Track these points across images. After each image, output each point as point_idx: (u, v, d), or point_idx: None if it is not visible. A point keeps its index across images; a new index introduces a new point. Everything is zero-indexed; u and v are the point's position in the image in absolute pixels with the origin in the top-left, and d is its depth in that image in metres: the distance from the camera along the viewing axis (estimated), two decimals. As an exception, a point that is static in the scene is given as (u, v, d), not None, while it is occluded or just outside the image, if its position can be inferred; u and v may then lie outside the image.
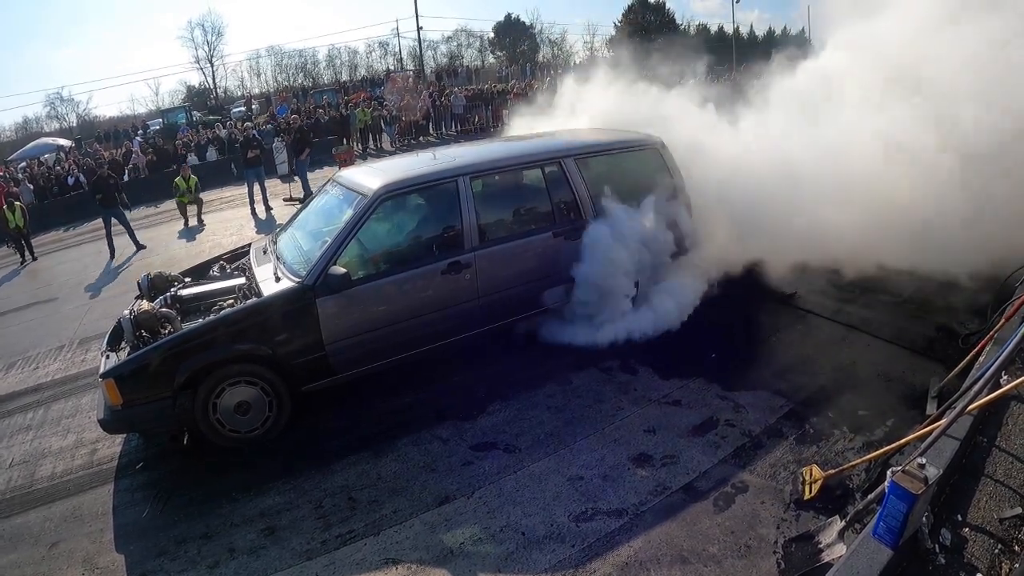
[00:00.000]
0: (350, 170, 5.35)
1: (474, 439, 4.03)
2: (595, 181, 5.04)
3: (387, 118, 20.62)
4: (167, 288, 4.77)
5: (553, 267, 4.83)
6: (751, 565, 2.87)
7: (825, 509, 3.11)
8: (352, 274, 4.10)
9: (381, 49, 51.74)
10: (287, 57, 50.85)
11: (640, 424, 3.99)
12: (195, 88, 48.06)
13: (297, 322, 4.08)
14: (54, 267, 11.36)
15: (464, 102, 21.63)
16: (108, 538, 3.55)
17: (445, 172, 4.61)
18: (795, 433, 3.79)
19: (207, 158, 19.00)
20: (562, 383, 4.53)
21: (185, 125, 27.27)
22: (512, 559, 3.04)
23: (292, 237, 4.94)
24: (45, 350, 6.75)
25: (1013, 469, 2.85)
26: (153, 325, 4.12)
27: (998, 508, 2.65)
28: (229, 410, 4.05)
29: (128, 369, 3.82)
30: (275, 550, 3.27)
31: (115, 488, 4.01)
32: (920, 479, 2.28)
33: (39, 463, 4.44)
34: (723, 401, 4.16)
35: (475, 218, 4.54)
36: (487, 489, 3.55)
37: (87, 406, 5.15)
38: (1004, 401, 3.16)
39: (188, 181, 12.49)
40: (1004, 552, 2.46)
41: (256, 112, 30.69)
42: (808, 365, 4.47)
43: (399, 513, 3.43)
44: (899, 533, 2.30)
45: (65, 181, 17.09)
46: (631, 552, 3.00)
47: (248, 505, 3.65)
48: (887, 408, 3.89)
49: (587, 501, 3.36)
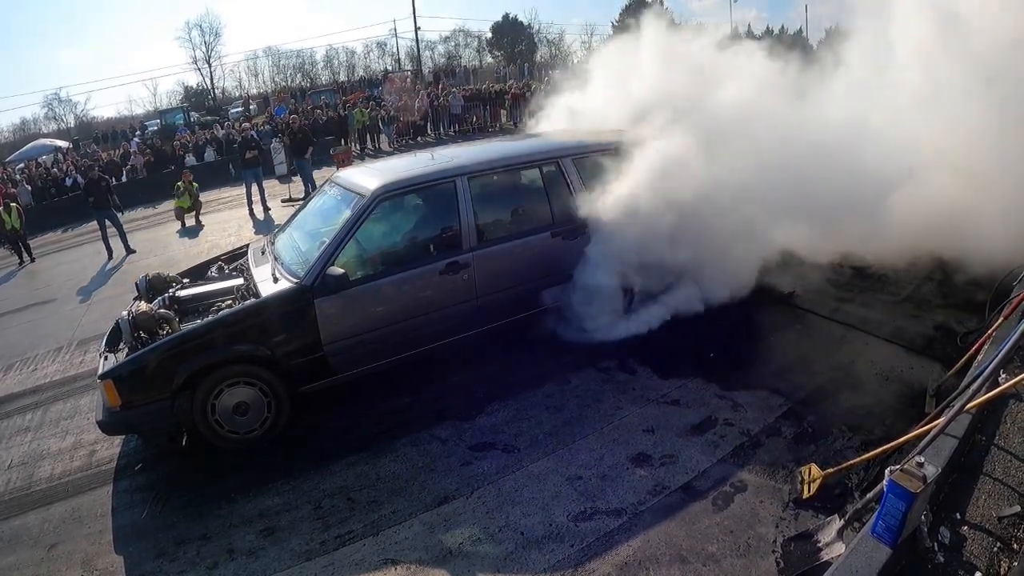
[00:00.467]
0: (348, 170, 5.35)
1: (473, 439, 4.03)
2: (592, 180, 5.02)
3: (385, 118, 20.62)
4: (165, 289, 4.77)
5: (551, 267, 4.82)
6: (750, 564, 2.87)
7: (824, 508, 3.11)
8: (350, 274, 4.10)
9: (379, 49, 51.80)
10: (285, 57, 50.91)
11: (639, 424, 3.99)
12: (193, 89, 48.03)
13: (295, 323, 4.08)
14: (52, 268, 11.36)
15: (462, 102, 21.61)
16: (107, 539, 3.55)
17: (443, 172, 4.61)
18: (794, 432, 3.79)
19: (205, 159, 19.00)
20: (560, 383, 4.53)
21: (183, 126, 27.29)
22: (511, 559, 3.04)
23: (290, 238, 4.94)
24: (43, 351, 6.74)
25: (1012, 467, 2.85)
26: (151, 326, 4.11)
27: (997, 506, 2.66)
28: (228, 411, 4.05)
29: (126, 370, 3.82)
30: (274, 551, 3.27)
31: (114, 489, 4.01)
32: (919, 478, 2.28)
33: (38, 465, 4.43)
34: (722, 400, 4.16)
35: (473, 218, 4.54)
36: (486, 489, 3.55)
37: (86, 407, 5.15)
38: (1002, 399, 3.16)
39: (191, 186, 12.50)
40: (1003, 550, 2.46)
41: (254, 113, 30.69)
42: (807, 364, 4.47)
43: (398, 513, 3.43)
44: (898, 532, 2.31)
45: (63, 182, 17.08)
46: (630, 551, 3.00)
47: (247, 506, 3.64)
48: (885, 407, 3.89)
49: (586, 501, 3.36)
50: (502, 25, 53.74)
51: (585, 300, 4.83)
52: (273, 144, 16.90)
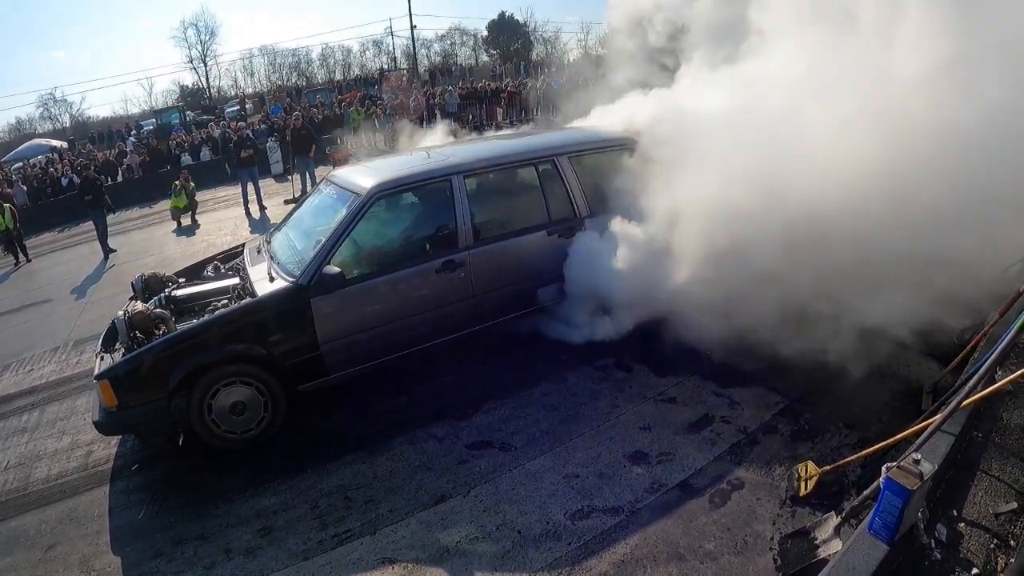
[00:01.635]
0: (344, 169, 5.33)
1: (470, 438, 4.02)
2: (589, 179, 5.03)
3: (381, 117, 20.58)
4: (161, 289, 4.76)
5: (547, 265, 4.82)
6: (747, 562, 2.87)
7: (821, 505, 3.11)
8: (346, 273, 4.10)
9: (375, 48, 51.78)
10: (280, 56, 50.87)
11: (635, 421, 4.00)
12: (188, 88, 48.00)
13: (292, 322, 4.07)
14: (48, 269, 11.33)
15: (458, 100, 21.59)
16: (104, 540, 3.54)
17: (439, 171, 4.59)
18: (790, 429, 3.79)
19: (201, 158, 18.95)
20: (557, 381, 4.53)
21: (179, 125, 27.22)
22: (508, 557, 3.04)
23: (286, 237, 4.93)
24: (40, 352, 6.73)
25: (1008, 464, 2.85)
26: (147, 326, 4.10)
27: (993, 503, 2.66)
28: (224, 411, 4.03)
29: (123, 370, 3.81)
30: (271, 550, 3.27)
31: (111, 490, 4.00)
32: (915, 475, 2.28)
33: (34, 466, 4.42)
34: (718, 398, 4.16)
35: (469, 217, 4.53)
36: (483, 488, 3.55)
37: (82, 408, 5.13)
38: (999, 396, 3.15)
39: (188, 184, 12.45)
40: (1000, 547, 2.47)
41: (250, 112, 30.63)
42: (803, 361, 4.46)
43: (395, 512, 3.43)
44: (895, 529, 2.31)
45: (59, 182, 17.02)
46: (627, 549, 3.01)
47: (244, 506, 3.64)
48: (882, 404, 3.90)
49: (583, 499, 3.36)
50: (498, 23, 53.75)
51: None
52: (269, 143, 16.86)
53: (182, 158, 18.50)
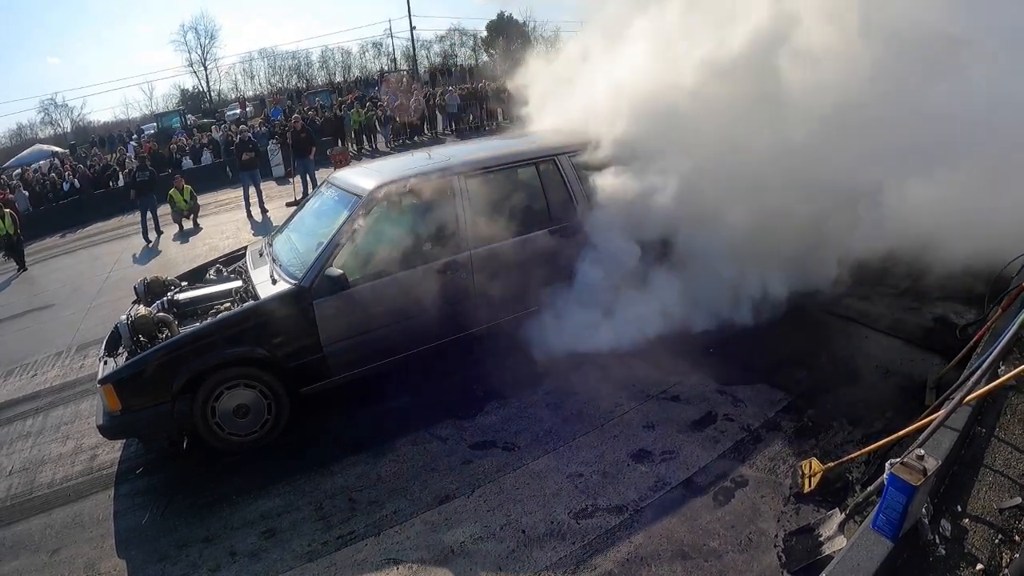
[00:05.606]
0: (345, 171, 5.33)
1: (473, 438, 4.03)
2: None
3: (382, 118, 20.59)
4: (164, 292, 4.77)
5: (549, 265, 4.82)
6: (752, 559, 2.87)
7: (825, 502, 3.11)
8: (349, 275, 4.10)
9: (375, 49, 51.77)
10: (280, 59, 50.88)
11: (639, 420, 4.00)
12: (189, 91, 48.03)
13: (294, 324, 4.08)
14: (50, 273, 11.33)
15: (459, 101, 21.60)
16: (109, 544, 3.55)
17: (440, 172, 4.60)
18: (794, 426, 3.79)
19: (202, 161, 18.96)
20: (560, 381, 4.53)
21: (179, 129, 27.25)
22: (513, 557, 3.05)
23: (288, 239, 4.93)
24: (43, 357, 6.74)
25: (1012, 459, 2.85)
26: (150, 330, 4.10)
27: (998, 498, 2.65)
28: (228, 413, 4.05)
29: (126, 374, 3.81)
30: (276, 552, 3.27)
31: (115, 493, 4.01)
32: (919, 471, 2.28)
33: (39, 470, 4.44)
34: (721, 396, 4.16)
35: (470, 217, 4.53)
36: (487, 487, 3.55)
37: (86, 412, 5.15)
38: (1002, 391, 3.15)
39: (183, 192, 12.39)
40: (1004, 542, 2.46)
41: (251, 114, 30.66)
42: (806, 358, 4.47)
43: (399, 513, 3.43)
44: (899, 525, 2.31)
45: (60, 187, 17.03)
46: (632, 548, 3.01)
47: (248, 508, 3.65)
48: (885, 400, 3.89)
49: (587, 498, 3.37)
50: (497, 24, 53.65)
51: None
52: (270, 146, 16.87)
53: (183, 162, 18.50)
